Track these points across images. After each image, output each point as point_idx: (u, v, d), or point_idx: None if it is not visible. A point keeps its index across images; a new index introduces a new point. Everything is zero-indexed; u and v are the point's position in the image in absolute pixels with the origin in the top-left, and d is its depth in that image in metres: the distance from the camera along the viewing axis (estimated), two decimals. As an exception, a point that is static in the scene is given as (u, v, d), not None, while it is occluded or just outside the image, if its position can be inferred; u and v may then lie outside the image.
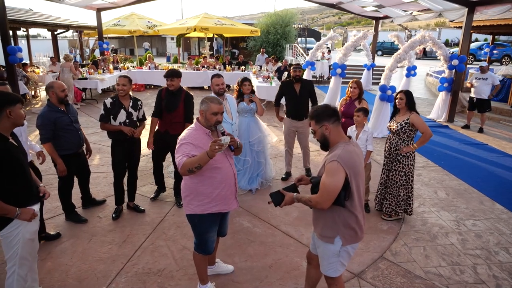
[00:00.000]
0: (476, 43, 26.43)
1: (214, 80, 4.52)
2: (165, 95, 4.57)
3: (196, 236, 2.95)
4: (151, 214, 4.51)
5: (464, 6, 9.02)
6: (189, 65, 14.51)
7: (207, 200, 2.79)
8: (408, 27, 36.51)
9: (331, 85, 11.45)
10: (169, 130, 4.54)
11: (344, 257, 2.52)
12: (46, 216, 4.33)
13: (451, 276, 3.47)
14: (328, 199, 2.31)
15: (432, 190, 5.42)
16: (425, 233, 4.24)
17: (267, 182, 5.39)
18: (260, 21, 22.89)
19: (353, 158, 2.34)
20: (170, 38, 34.15)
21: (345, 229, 2.43)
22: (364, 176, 2.52)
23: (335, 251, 2.48)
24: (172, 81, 4.46)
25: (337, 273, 2.55)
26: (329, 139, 2.42)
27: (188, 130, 2.77)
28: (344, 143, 2.40)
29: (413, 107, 4.23)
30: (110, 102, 4.18)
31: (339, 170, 2.27)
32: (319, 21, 62.09)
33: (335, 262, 2.51)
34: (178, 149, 2.66)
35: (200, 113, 2.78)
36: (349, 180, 2.31)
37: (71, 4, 11.90)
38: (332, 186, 2.28)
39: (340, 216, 2.42)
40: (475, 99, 8.83)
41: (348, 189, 2.33)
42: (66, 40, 28.84)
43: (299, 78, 5.37)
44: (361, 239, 2.55)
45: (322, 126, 2.41)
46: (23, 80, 10.64)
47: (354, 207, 2.41)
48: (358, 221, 2.46)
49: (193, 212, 2.82)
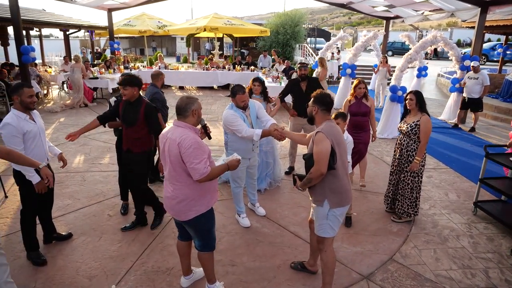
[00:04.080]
0: (488, 43, 26.04)
1: (238, 96, 3.91)
2: (123, 105, 3.89)
3: (203, 236, 2.92)
4: (160, 213, 4.53)
5: (477, 6, 8.87)
6: (198, 65, 14.59)
7: (209, 195, 2.85)
8: (419, 27, 36.12)
9: (341, 85, 11.40)
10: (131, 149, 3.88)
11: (332, 221, 2.93)
12: (57, 214, 4.39)
13: (462, 280, 3.42)
14: (323, 163, 2.76)
15: (443, 192, 5.35)
16: (435, 235, 4.19)
17: (275, 182, 5.39)
18: (269, 21, 22.83)
19: (333, 130, 2.86)
20: (180, 38, 34.29)
21: (331, 193, 2.88)
22: (346, 147, 3.02)
23: (323, 213, 2.93)
24: (124, 90, 3.75)
25: (325, 234, 2.97)
26: (314, 118, 3.02)
27: (184, 133, 2.64)
28: (327, 121, 2.93)
29: (424, 108, 4.18)
30: (114, 100, 4.21)
31: (324, 138, 2.78)
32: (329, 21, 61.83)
33: (325, 224, 2.95)
34: (191, 154, 2.57)
35: (193, 113, 2.73)
36: (333, 147, 2.78)
37: (83, 4, 12.03)
38: (323, 151, 2.75)
39: (326, 182, 2.87)
40: (466, 99, 8.93)
41: (334, 155, 2.79)
42: (78, 40, 29.18)
43: (305, 77, 5.42)
44: (347, 204, 2.97)
45: (314, 106, 2.98)
46: (35, 79, 10.80)
47: (337, 174, 2.87)
48: (343, 186, 2.90)
49: (199, 214, 2.80)
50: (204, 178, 2.61)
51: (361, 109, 4.97)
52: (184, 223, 2.88)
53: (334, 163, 2.81)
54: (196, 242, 2.96)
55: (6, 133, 3.16)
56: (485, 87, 8.64)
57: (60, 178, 5.31)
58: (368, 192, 5.27)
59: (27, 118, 3.30)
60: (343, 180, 2.91)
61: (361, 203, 4.93)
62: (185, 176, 2.69)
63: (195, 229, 2.88)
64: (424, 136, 4.08)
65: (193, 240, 3.02)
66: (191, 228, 2.89)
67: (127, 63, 14.67)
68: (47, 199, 3.70)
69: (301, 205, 4.83)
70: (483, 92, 8.67)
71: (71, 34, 16.85)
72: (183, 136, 2.61)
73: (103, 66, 12.87)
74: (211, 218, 2.93)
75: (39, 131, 3.41)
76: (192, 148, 2.57)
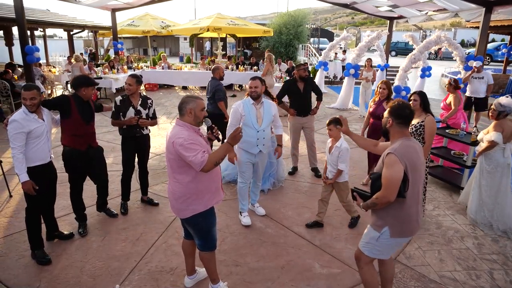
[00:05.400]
0: (493, 43, 25.89)
1: (249, 82, 4.12)
2: (79, 104, 3.81)
3: (202, 235, 2.92)
4: (164, 213, 4.54)
5: (482, 6, 8.83)
6: (201, 65, 14.61)
7: (207, 195, 2.84)
8: (423, 27, 36.00)
9: (344, 86, 11.38)
10: (92, 145, 3.98)
11: (382, 247, 2.63)
12: (61, 213, 4.41)
13: (467, 281, 3.41)
14: (392, 190, 2.40)
15: (447, 193, 5.33)
16: (439, 236, 4.17)
17: (279, 182, 5.39)
18: (272, 21, 22.86)
19: (410, 152, 2.47)
20: (183, 38, 34.38)
21: (394, 221, 2.54)
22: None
23: (375, 236, 2.63)
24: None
25: (368, 253, 2.70)
26: (389, 131, 2.64)
27: (180, 131, 2.67)
28: (404, 139, 2.54)
29: (428, 109, 4.16)
30: (120, 100, 4.27)
31: (396, 162, 2.40)
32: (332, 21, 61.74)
33: (372, 244, 2.67)
34: (187, 149, 2.59)
35: (188, 111, 2.73)
36: (406, 172, 2.41)
37: (86, 4, 12.07)
38: (394, 177, 2.39)
39: (391, 207, 2.52)
40: (473, 98, 8.85)
41: (406, 181, 2.42)
42: (82, 40, 29.31)
43: (305, 78, 5.47)
44: (410, 236, 2.63)
45: (389, 118, 2.61)
46: (40, 79, 10.87)
47: (406, 202, 2.50)
48: (410, 216, 2.54)
49: (196, 212, 2.81)
50: (205, 166, 2.61)
51: (378, 111, 4.97)
52: (184, 221, 2.93)
53: (405, 190, 2.45)
54: (197, 241, 2.98)
55: (11, 128, 3.24)
56: (489, 86, 8.62)
57: (63, 177, 5.33)
58: (371, 193, 5.25)
59: (35, 117, 3.37)
60: (411, 209, 2.54)
61: (364, 203, 4.91)
62: (182, 174, 2.73)
63: (194, 228, 2.90)
64: (429, 136, 4.06)
65: (194, 239, 3.04)
66: (190, 226, 2.91)
67: (130, 63, 14.73)
68: (49, 196, 3.73)
69: (304, 205, 4.82)
70: (488, 91, 8.63)
71: (75, 34, 16.92)
72: (177, 134, 2.65)
73: (107, 66, 12.93)
74: (210, 218, 2.92)
75: (46, 129, 3.47)
76: (185, 143, 2.59)
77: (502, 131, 4.13)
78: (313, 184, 5.51)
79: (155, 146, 7.09)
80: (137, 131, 4.36)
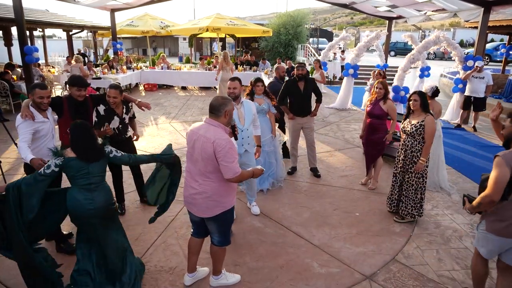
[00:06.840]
0: (492, 43, 25.89)
1: (228, 83, 4.21)
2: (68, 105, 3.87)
3: (224, 231, 3.02)
4: (163, 213, 4.54)
5: (480, 6, 8.86)
6: (201, 65, 14.61)
7: (233, 193, 2.98)
8: (422, 27, 36.04)
9: (343, 86, 11.38)
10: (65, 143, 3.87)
11: (481, 238, 2.79)
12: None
13: (465, 280, 3.42)
14: (496, 190, 2.50)
15: (445, 193, 5.35)
16: (438, 236, 4.19)
17: (278, 182, 5.39)
18: (271, 22, 22.88)
19: None
20: (182, 38, 34.38)
21: (492, 216, 2.68)
22: None
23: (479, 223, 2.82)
24: None
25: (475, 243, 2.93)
26: None
27: (220, 132, 2.73)
28: None
29: (428, 109, 4.18)
30: (103, 109, 4.08)
31: (502, 164, 2.50)
32: (331, 21, 61.74)
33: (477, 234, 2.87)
34: (227, 153, 2.65)
35: (226, 113, 2.79)
36: None
37: (86, 4, 12.08)
38: (499, 178, 2.49)
39: None
40: (472, 98, 8.90)
41: (511, 185, 2.51)
42: (81, 40, 29.28)
43: (302, 77, 5.44)
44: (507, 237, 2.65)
45: None
46: (39, 79, 10.87)
47: (507, 203, 2.59)
48: (508, 217, 2.61)
49: (225, 209, 2.90)
50: (235, 178, 2.71)
51: (374, 111, 5.02)
52: (208, 219, 2.94)
53: (510, 194, 2.56)
54: (216, 238, 3.03)
55: (17, 125, 3.39)
56: (488, 86, 8.67)
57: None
58: (371, 193, 5.27)
59: (41, 116, 3.50)
60: (510, 212, 2.63)
61: (364, 203, 4.93)
62: (217, 173, 2.78)
63: (221, 224, 2.96)
64: (429, 136, 4.08)
65: (211, 236, 3.08)
66: (216, 223, 2.95)
67: (129, 63, 14.73)
68: None
69: (303, 205, 4.83)
70: (487, 91, 8.68)
71: (74, 35, 16.91)
72: (218, 136, 2.69)
73: (106, 67, 12.93)
74: (233, 215, 3.16)
75: (51, 127, 3.61)
76: (227, 148, 2.66)
77: (432, 109, 4.49)
78: (312, 184, 5.52)
79: (155, 146, 7.09)
80: (122, 137, 4.28)
